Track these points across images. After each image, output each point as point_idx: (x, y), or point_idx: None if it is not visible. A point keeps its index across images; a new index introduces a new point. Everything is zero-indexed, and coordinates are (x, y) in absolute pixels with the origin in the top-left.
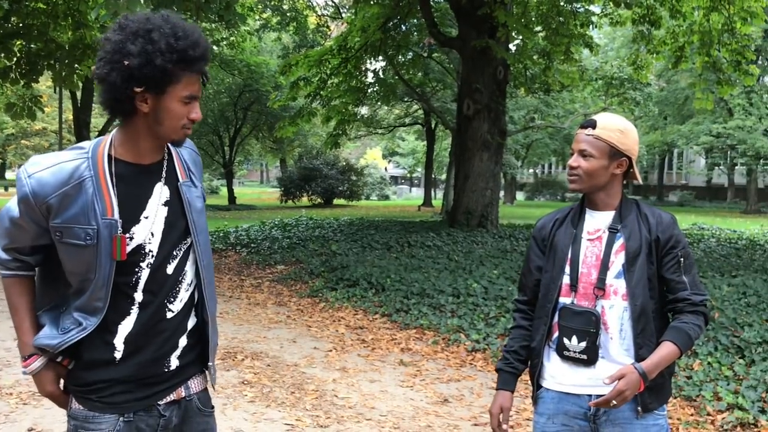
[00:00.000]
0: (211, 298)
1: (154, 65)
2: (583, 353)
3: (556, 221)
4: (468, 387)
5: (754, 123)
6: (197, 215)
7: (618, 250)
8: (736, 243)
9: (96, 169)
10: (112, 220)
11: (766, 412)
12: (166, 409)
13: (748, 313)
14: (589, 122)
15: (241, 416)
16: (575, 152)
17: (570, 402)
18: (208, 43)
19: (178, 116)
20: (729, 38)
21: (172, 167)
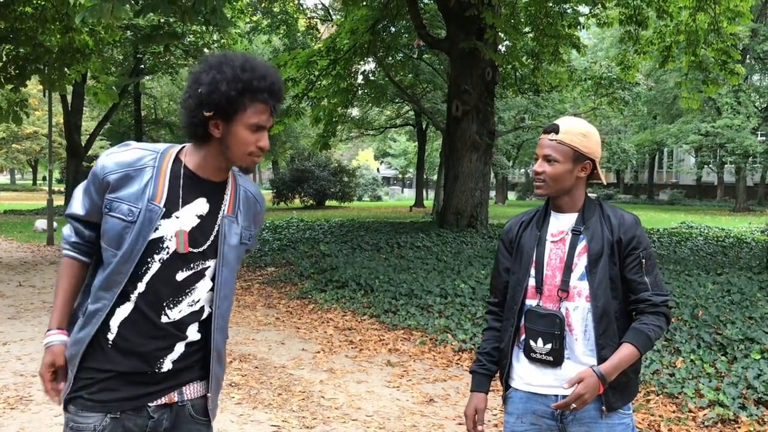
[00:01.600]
0: (221, 330)
1: (220, 92)
2: (548, 355)
3: (522, 223)
4: (454, 387)
5: (742, 122)
6: (228, 249)
7: (581, 252)
8: (724, 241)
9: (161, 162)
10: (157, 206)
11: (746, 409)
12: (155, 411)
13: (731, 310)
14: (552, 127)
15: (227, 418)
16: (539, 157)
17: (538, 402)
18: (280, 80)
19: (245, 143)
20: (715, 38)
21: (224, 196)
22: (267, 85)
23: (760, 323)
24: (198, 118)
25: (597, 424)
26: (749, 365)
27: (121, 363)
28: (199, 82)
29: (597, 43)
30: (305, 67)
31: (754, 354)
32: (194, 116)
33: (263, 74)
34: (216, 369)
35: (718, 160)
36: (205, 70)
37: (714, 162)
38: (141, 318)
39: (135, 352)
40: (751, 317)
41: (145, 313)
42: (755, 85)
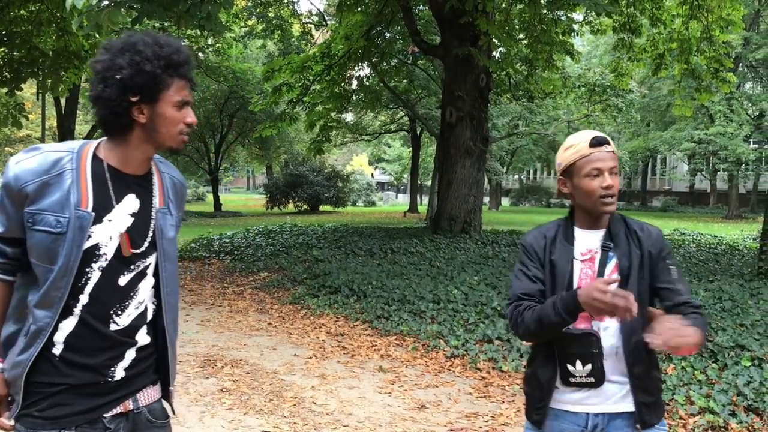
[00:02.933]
0: (172, 323)
1: (144, 72)
2: (590, 376)
3: (546, 238)
4: (446, 393)
5: (735, 129)
6: (167, 243)
7: (612, 270)
8: (716, 248)
9: (79, 163)
10: (85, 212)
11: (736, 416)
12: (111, 422)
13: (722, 317)
14: (603, 139)
15: (218, 424)
16: (605, 171)
17: (567, 420)
18: (189, 50)
19: (174, 122)
20: (707, 46)
21: (152, 188)
22: (184, 58)
23: (750, 330)
24: (122, 106)
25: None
26: (740, 372)
27: (72, 376)
28: (115, 68)
29: (591, 50)
30: (300, 72)
31: (744, 361)
32: (117, 105)
33: (177, 48)
34: (172, 362)
35: (711, 167)
36: (117, 55)
37: (707, 169)
38: (88, 330)
39: (84, 365)
40: (742, 324)
41: (91, 324)
42: (747, 93)
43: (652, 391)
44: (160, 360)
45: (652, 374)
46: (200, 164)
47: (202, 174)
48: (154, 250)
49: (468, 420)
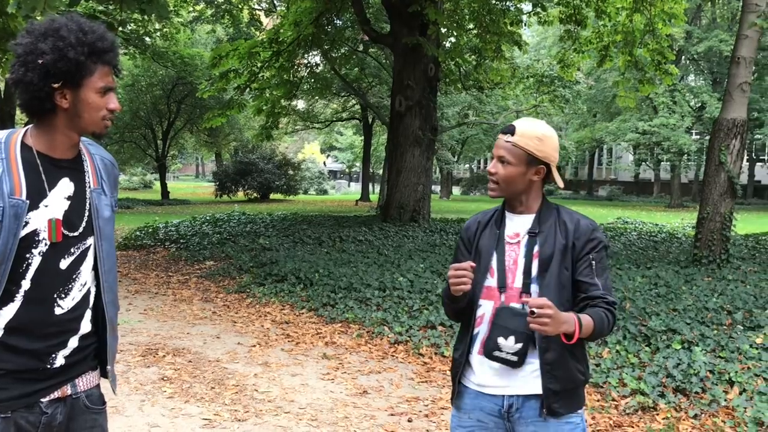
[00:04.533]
0: (111, 303)
1: (67, 59)
2: (515, 354)
3: (479, 223)
4: (388, 378)
5: (677, 121)
6: (103, 223)
7: (534, 256)
8: (656, 236)
9: (8, 152)
10: (19, 200)
11: (665, 396)
12: (48, 407)
13: (657, 303)
14: (508, 128)
15: (158, 412)
16: (495, 158)
17: (486, 399)
18: (114, 36)
19: (97, 107)
20: (651, 39)
21: (84, 170)
22: (108, 45)
23: (682, 315)
24: (44, 91)
25: (545, 423)
26: (670, 355)
27: (11, 361)
28: (38, 52)
29: (540, 41)
30: (247, 59)
31: (675, 344)
32: (39, 90)
33: (102, 34)
34: (111, 341)
35: (655, 157)
36: (39, 39)
37: (651, 159)
38: (30, 316)
39: (26, 350)
40: (675, 309)
41: (34, 310)
42: (690, 86)
43: (562, 380)
44: (100, 342)
45: (568, 364)
46: (147, 151)
47: (150, 161)
48: (92, 231)
49: (409, 404)
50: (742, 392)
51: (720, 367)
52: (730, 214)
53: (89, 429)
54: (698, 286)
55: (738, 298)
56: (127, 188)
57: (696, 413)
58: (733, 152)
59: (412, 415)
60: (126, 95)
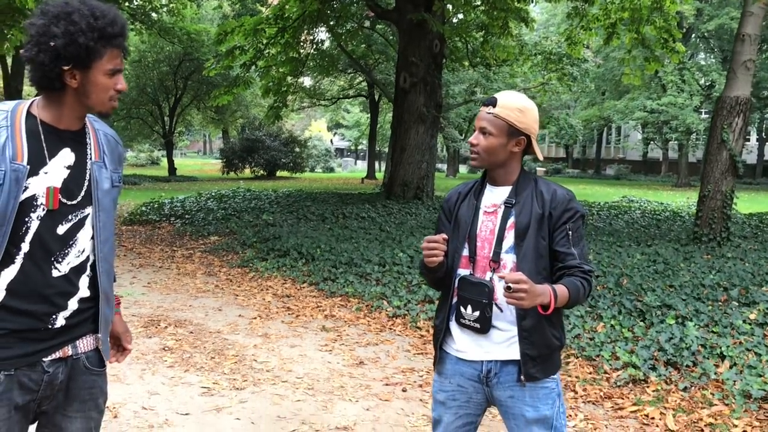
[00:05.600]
0: (105, 272)
1: (78, 44)
2: (476, 322)
3: (459, 194)
4: (385, 350)
5: (686, 100)
6: (102, 194)
7: (510, 226)
8: (660, 215)
9: (13, 120)
10: (20, 165)
11: (656, 369)
12: (50, 366)
13: (654, 279)
14: (490, 100)
15: (158, 381)
16: (476, 129)
17: (466, 365)
18: (125, 20)
19: (104, 88)
20: (658, 16)
21: (86, 142)
22: (119, 29)
23: (678, 291)
24: (54, 72)
25: (521, 388)
26: (663, 330)
27: (13, 321)
28: (50, 35)
29: (548, 19)
30: (252, 35)
31: (669, 319)
32: (50, 70)
33: (113, 19)
34: (105, 310)
35: (663, 136)
36: (52, 22)
37: (659, 138)
38: (30, 276)
39: (27, 311)
40: (671, 285)
41: (33, 271)
42: (699, 64)
43: (538, 346)
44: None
45: (544, 330)
46: (154, 128)
47: (157, 138)
48: (90, 201)
49: (403, 375)
50: (732, 366)
51: (712, 342)
52: (731, 192)
53: (88, 389)
54: (696, 264)
55: (735, 275)
56: (134, 164)
57: (686, 386)
58: (735, 130)
59: (407, 385)
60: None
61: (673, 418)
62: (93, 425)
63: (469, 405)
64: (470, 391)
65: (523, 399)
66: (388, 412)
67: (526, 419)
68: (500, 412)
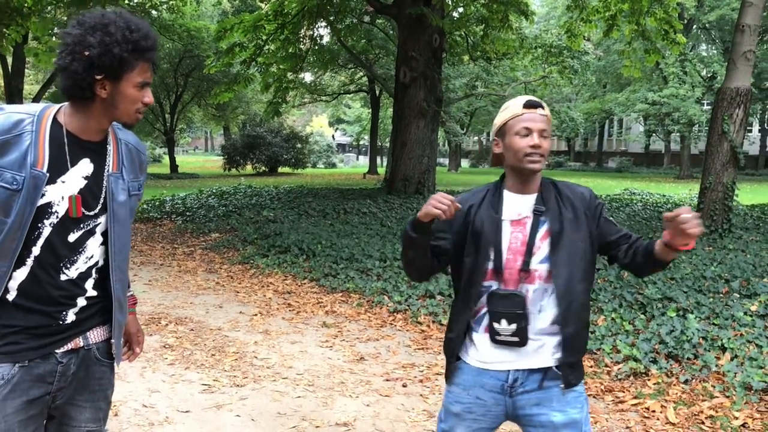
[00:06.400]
0: (119, 281)
1: (112, 54)
2: (514, 335)
3: (471, 206)
4: (385, 346)
5: (687, 91)
6: (117, 206)
7: (544, 236)
8: (662, 207)
9: (39, 126)
10: (40, 172)
11: (657, 362)
12: (63, 357)
13: None
14: (536, 102)
15: (159, 378)
16: (534, 132)
17: (489, 376)
18: (157, 35)
19: (133, 100)
20: (658, 7)
21: (106, 153)
22: (151, 43)
23: (679, 283)
24: (86, 81)
25: (547, 394)
26: (664, 322)
27: (25, 319)
28: (85, 45)
29: (549, 11)
30: (252, 32)
31: (670, 312)
32: (82, 80)
33: (146, 33)
34: (118, 317)
35: (665, 128)
36: (88, 32)
37: (661, 130)
38: (39, 279)
39: (38, 310)
40: (672, 278)
41: (42, 275)
42: (701, 55)
43: (577, 353)
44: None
45: (582, 337)
46: (155, 125)
47: (158, 135)
48: (105, 212)
49: (404, 370)
50: (733, 358)
51: (713, 334)
52: (732, 183)
53: (98, 380)
54: (698, 256)
55: (737, 266)
56: None
57: (687, 378)
58: (736, 122)
59: (407, 381)
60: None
61: (674, 411)
62: (102, 416)
63: (485, 418)
64: (489, 404)
65: (549, 404)
66: (388, 407)
67: (554, 425)
68: (522, 422)
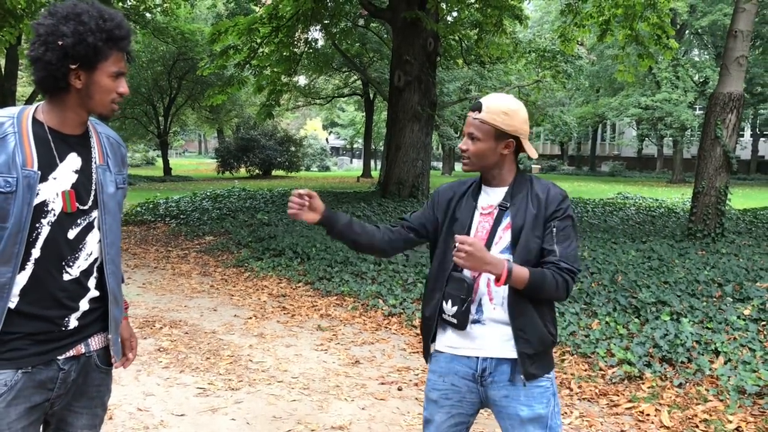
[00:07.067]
0: (113, 274)
1: (86, 43)
2: (453, 317)
3: (455, 194)
4: (380, 349)
5: (680, 96)
6: (107, 198)
7: (506, 227)
8: (654, 211)
9: (20, 127)
10: (31, 171)
11: (651, 366)
12: (65, 363)
13: (648, 275)
14: (476, 105)
15: (154, 381)
16: (465, 134)
17: (460, 363)
18: (130, 25)
19: (107, 90)
20: (651, 12)
21: (90, 146)
22: (125, 33)
23: (673, 287)
24: (60, 71)
25: (515, 388)
26: (658, 326)
27: (27, 325)
28: (59, 34)
29: (542, 16)
30: (246, 35)
31: (664, 316)
32: (56, 70)
33: (119, 22)
34: (114, 311)
35: (657, 133)
36: (61, 22)
37: (654, 135)
38: (42, 282)
39: (40, 316)
40: (666, 282)
41: (45, 276)
42: (693, 60)
43: (534, 344)
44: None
45: (539, 327)
46: (149, 128)
47: (152, 138)
48: (97, 205)
49: (399, 374)
50: (727, 362)
51: (707, 338)
52: (725, 188)
53: (97, 387)
54: (691, 260)
55: (730, 270)
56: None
57: (681, 382)
58: (729, 126)
59: (402, 384)
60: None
61: (668, 415)
62: (98, 422)
63: (462, 405)
64: (464, 391)
65: (517, 398)
66: (383, 411)
67: (521, 419)
68: (494, 412)
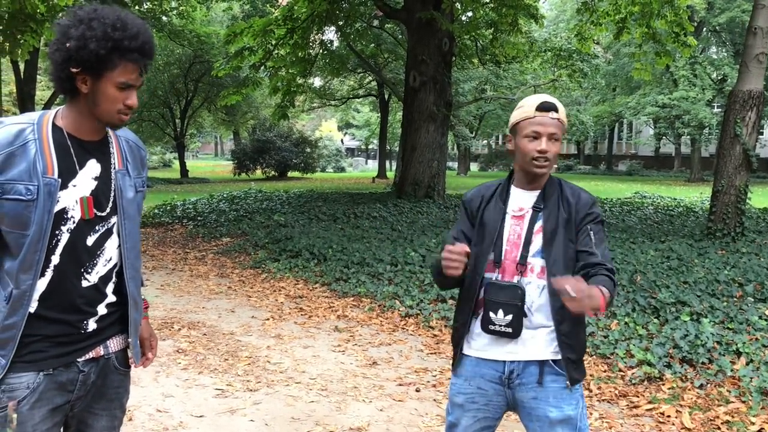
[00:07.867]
0: (132, 278)
1: (89, 50)
2: (508, 326)
3: (483, 198)
4: (398, 350)
5: (698, 94)
6: (127, 203)
7: (538, 230)
8: (673, 210)
9: (40, 133)
10: (52, 178)
11: (671, 367)
12: (85, 365)
13: (668, 275)
14: (549, 105)
15: (173, 383)
16: (543, 136)
17: (488, 366)
18: (151, 39)
19: (113, 100)
20: (668, 10)
21: (109, 152)
22: (138, 45)
23: (693, 287)
24: (65, 73)
25: (544, 389)
26: (678, 327)
27: (47, 328)
28: (68, 36)
29: (558, 15)
30: (261, 36)
31: (684, 316)
32: (61, 71)
33: (135, 33)
34: (133, 314)
35: (675, 131)
36: (74, 24)
37: (671, 133)
38: (60, 288)
39: (60, 320)
40: (685, 282)
41: (63, 283)
42: (711, 58)
43: (577, 350)
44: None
45: (580, 334)
46: (165, 130)
47: (168, 140)
48: (116, 211)
49: (417, 375)
50: (749, 363)
51: (727, 338)
52: (745, 187)
53: (116, 389)
54: (711, 259)
55: (750, 270)
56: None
57: (702, 383)
58: (748, 124)
59: (420, 385)
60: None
61: (689, 416)
62: (117, 423)
63: (488, 408)
64: (490, 394)
65: (546, 400)
66: (401, 412)
67: (550, 420)
68: (521, 414)
